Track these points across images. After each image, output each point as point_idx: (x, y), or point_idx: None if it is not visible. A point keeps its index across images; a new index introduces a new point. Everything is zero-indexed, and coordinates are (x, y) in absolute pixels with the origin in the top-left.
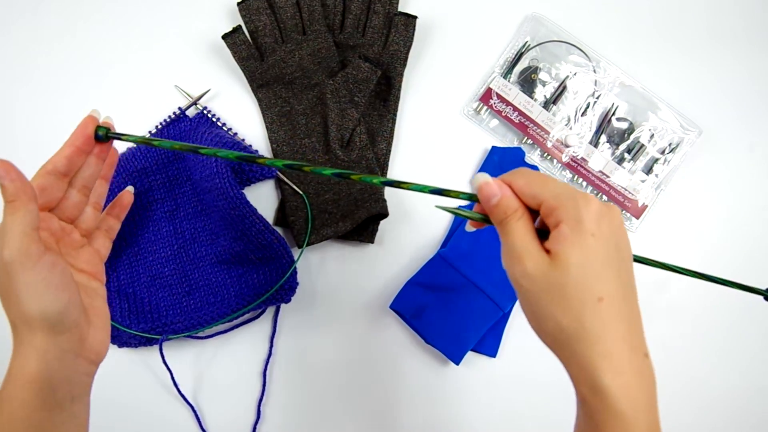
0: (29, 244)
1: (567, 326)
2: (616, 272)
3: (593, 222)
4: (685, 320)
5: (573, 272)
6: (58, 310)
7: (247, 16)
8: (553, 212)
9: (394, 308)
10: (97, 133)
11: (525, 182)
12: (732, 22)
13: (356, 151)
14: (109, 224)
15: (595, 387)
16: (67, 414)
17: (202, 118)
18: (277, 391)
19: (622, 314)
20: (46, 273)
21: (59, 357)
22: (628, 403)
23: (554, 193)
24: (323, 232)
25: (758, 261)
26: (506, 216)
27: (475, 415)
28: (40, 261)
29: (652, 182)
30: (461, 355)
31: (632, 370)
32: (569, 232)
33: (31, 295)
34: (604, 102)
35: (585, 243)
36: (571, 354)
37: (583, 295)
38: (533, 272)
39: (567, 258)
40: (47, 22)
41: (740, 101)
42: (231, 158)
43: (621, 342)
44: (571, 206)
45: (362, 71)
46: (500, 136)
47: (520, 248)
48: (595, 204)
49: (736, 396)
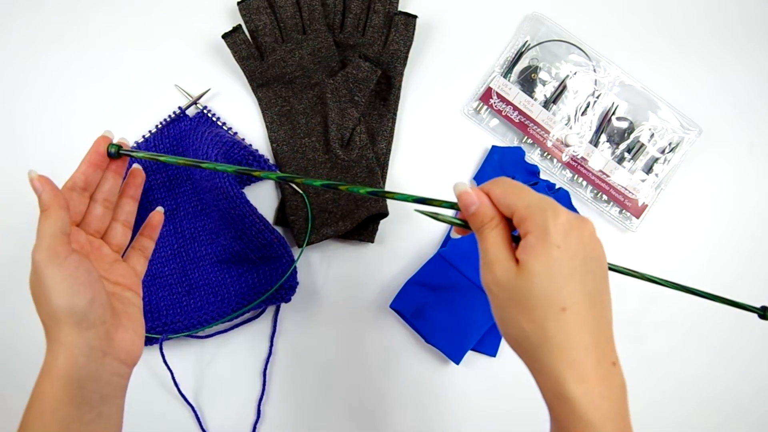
0: (57, 245)
1: (531, 334)
2: (580, 283)
3: (560, 234)
4: (677, 333)
5: (537, 282)
6: (84, 304)
7: (247, 15)
8: (523, 222)
9: (394, 307)
10: (109, 151)
11: (501, 192)
12: (732, 21)
13: (356, 151)
14: (142, 243)
15: (560, 395)
16: (96, 414)
17: (202, 118)
18: (277, 390)
19: (587, 324)
20: (72, 270)
21: (86, 353)
22: (593, 411)
23: (526, 204)
24: (323, 232)
25: (759, 261)
26: (483, 224)
27: (475, 414)
28: (67, 259)
29: (652, 182)
30: (461, 354)
31: (598, 378)
32: (535, 243)
33: (57, 290)
34: (604, 101)
35: (550, 254)
36: (536, 361)
37: (546, 305)
38: (501, 280)
39: (531, 268)
40: (48, 21)
41: (740, 100)
42: (230, 171)
43: (585, 351)
44: (540, 218)
45: (362, 70)
46: (500, 135)
47: (492, 256)
48: (564, 216)
49: (729, 407)
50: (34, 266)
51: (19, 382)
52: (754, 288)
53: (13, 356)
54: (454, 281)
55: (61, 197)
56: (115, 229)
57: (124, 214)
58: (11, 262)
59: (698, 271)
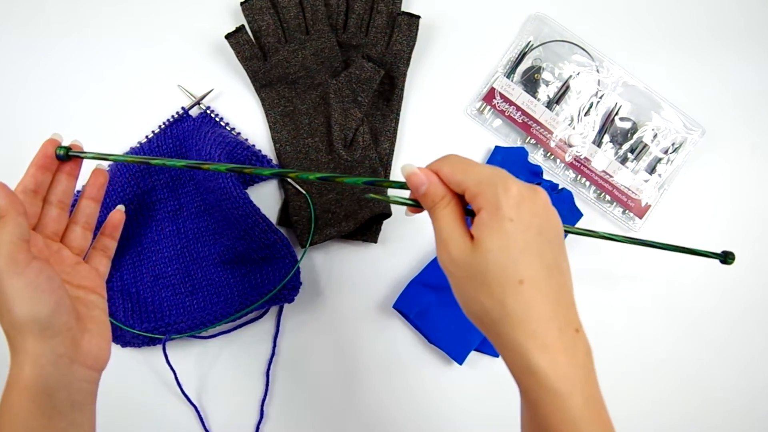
0: (16, 253)
1: (491, 309)
2: (537, 254)
3: (512, 207)
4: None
5: (491, 257)
6: (47, 312)
7: (250, 15)
8: (475, 199)
9: (398, 308)
10: (57, 154)
11: (450, 170)
12: (736, 22)
13: (359, 151)
14: (104, 243)
15: (525, 367)
16: (68, 422)
17: (205, 118)
18: (280, 390)
19: (546, 294)
20: (33, 277)
21: (53, 362)
22: (559, 379)
23: (476, 180)
24: (326, 232)
25: (761, 261)
26: (434, 203)
27: (478, 414)
28: (28, 267)
29: (655, 182)
30: (464, 354)
31: (562, 347)
32: (487, 218)
33: (19, 299)
34: (607, 102)
35: (503, 228)
36: (499, 336)
37: (503, 279)
38: (457, 258)
39: (485, 244)
40: (50, 21)
41: (743, 101)
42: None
43: (546, 321)
44: (491, 192)
45: (365, 71)
46: (503, 135)
47: (446, 235)
48: (515, 189)
49: (737, 398)
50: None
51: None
52: (755, 288)
53: None
54: None
55: (18, 203)
56: (75, 231)
57: (84, 216)
58: None
59: (701, 271)
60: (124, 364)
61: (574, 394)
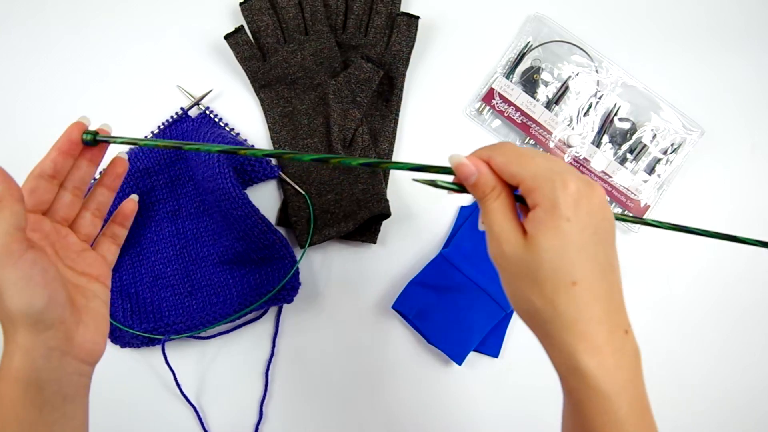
0: (11, 243)
1: (541, 309)
2: (592, 255)
3: (570, 206)
4: (687, 320)
5: (546, 257)
6: (39, 306)
7: (249, 16)
8: (531, 194)
9: (397, 308)
10: (84, 139)
11: (504, 160)
12: (735, 22)
13: (358, 152)
14: (113, 231)
15: (573, 368)
16: (60, 414)
17: (204, 119)
18: (279, 391)
19: (598, 295)
20: (27, 269)
21: (45, 355)
22: (607, 381)
23: (532, 174)
24: (325, 233)
25: (761, 261)
26: (484, 195)
27: (478, 415)
28: (21, 258)
29: (655, 182)
30: (464, 355)
31: (611, 349)
32: (544, 216)
33: (12, 291)
34: (607, 102)
35: (559, 227)
36: (547, 335)
37: (556, 280)
38: (509, 254)
39: (540, 242)
40: (50, 21)
41: (743, 101)
42: (213, 152)
43: (597, 322)
44: (548, 189)
45: (364, 71)
46: (502, 136)
47: (498, 229)
48: (573, 186)
49: (737, 398)
50: None
51: None
52: (755, 288)
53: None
54: (456, 282)
55: (16, 189)
56: (85, 217)
57: (96, 204)
58: None
59: (700, 272)
60: (123, 364)
61: (620, 396)
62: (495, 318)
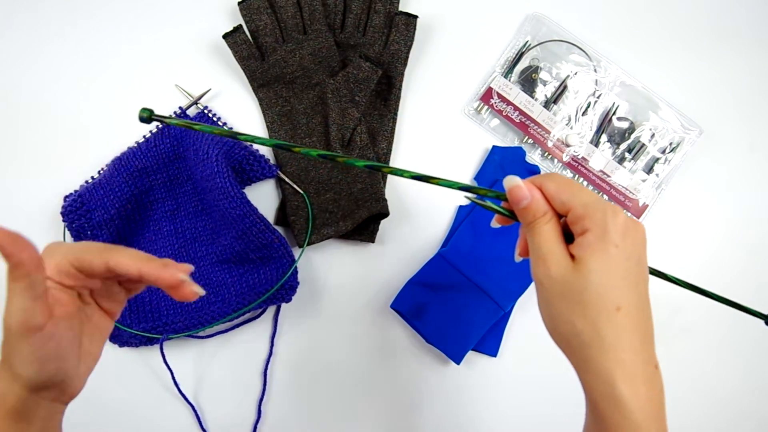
0: (29, 319)
1: (582, 331)
2: (635, 284)
3: (618, 234)
4: (700, 342)
5: (594, 279)
6: (43, 379)
7: (247, 15)
8: (581, 220)
9: (395, 308)
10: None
11: (556, 188)
12: (733, 21)
13: (357, 151)
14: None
15: (608, 394)
16: None
17: (202, 118)
18: (277, 390)
19: (637, 326)
20: (39, 346)
21: (37, 402)
22: (640, 411)
23: (583, 202)
24: (324, 232)
25: (759, 260)
26: (534, 219)
27: (476, 414)
28: (38, 334)
29: (653, 182)
30: (462, 354)
31: (644, 380)
32: (594, 241)
33: (19, 360)
34: (605, 101)
35: (608, 252)
36: (585, 359)
37: (601, 303)
38: (556, 275)
39: (589, 265)
40: (47, 20)
41: (741, 101)
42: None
43: (634, 352)
44: (599, 217)
45: (363, 71)
46: (501, 135)
47: (546, 250)
48: (622, 217)
49: (736, 398)
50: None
51: None
52: (754, 287)
53: None
54: (454, 281)
55: (35, 257)
56: None
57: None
58: None
59: (699, 271)
60: (121, 363)
61: (650, 428)
62: (493, 317)
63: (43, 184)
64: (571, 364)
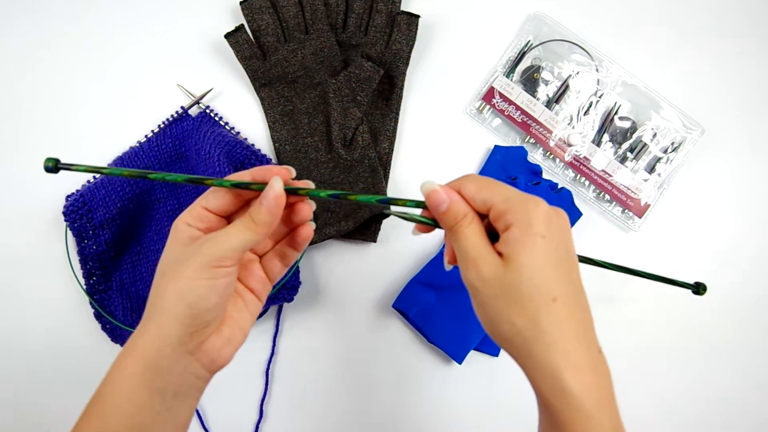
0: (227, 259)
1: (522, 328)
2: (567, 273)
3: (542, 224)
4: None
5: (526, 273)
6: (201, 310)
7: (249, 15)
8: (503, 216)
9: (397, 307)
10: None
11: (475, 188)
12: (736, 21)
13: (359, 150)
14: (284, 251)
15: (556, 387)
16: (167, 406)
17: (204, 117)
18: (279, 390)
19: (575, 313)
20: (219, 280)
21: (174, 346)
22: (590, 400)
23: (504, 197)
24: (326, 232)
25: (761, 260)
26: (456, 222)
27: (477, 413)
28: (224, 273)
29: (655, 181)
30: (464, 354)
31: (590, 367)
32: (519, 234)
33: (192, 288)
34: (607, 101)
35: (536, 244)
36: (528, 355)
37: (537, 296)
38: (488, 276)
39: (519, 260)
40: (49, 19)
41: (743, 100)
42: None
43: (577, 341)
44: (521, 209)
45: (365, 70)
46: (503, 135)
47: (474, 253)
48: (544, 207)
49: (736, 397)
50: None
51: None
52: (755, 287)
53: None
54: (456, 281)
55: (272, 223)
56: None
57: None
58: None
59: (700, 270)
60: None
61: (603, 416)
62: None
63: (45, 183)
64: (516, 363)
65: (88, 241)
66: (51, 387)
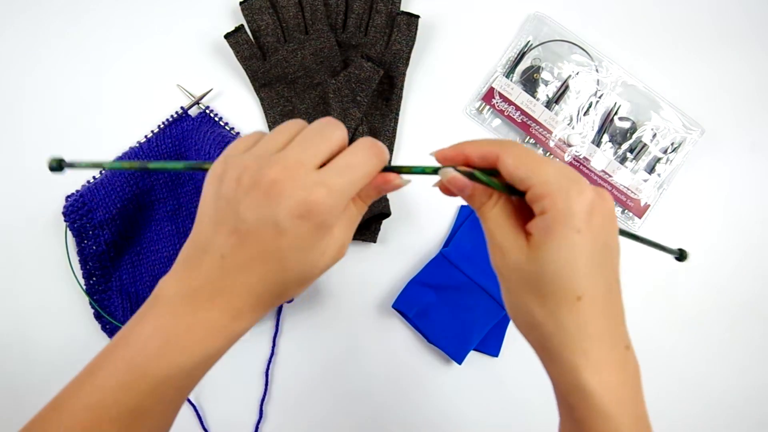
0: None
1: (542, 322)
2: (599, 269)
3: (583, 217)
4: (686, 319)
5: (551, 268)
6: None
7: (249, 15)
8: (540, 200)
9: (397, 308)
10: (50, 165)
11: (513, 163)
12: (735, 21)
13: None
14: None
15: (573, 385)
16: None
17: (204, 118)
18: (279, 390)
19: (602, 311)
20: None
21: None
22: (609, 398)
23: (543, 179)
24: None
25: (761, 260)
26: (482, 204)
27: (477, 414)
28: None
29: (655, 182)
30: (464, 354)
31: (613, 365)
32: (553, 225)
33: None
34: (607, 101)
35: (569, 239)
36: (547, 350)
37: (560, 293)
38: (513, 264)
39: (547, 254)
40: (49, 19)
41: (742, 100)
42: (179, 169)
43: (599, 339)
44: (561, 198)
45: (365, 70)
46: (503, 135)
47: (500, 238)
48: (588, 196)
49: (736, 396)
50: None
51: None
52: (755, 286)
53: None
54: (456, 281)
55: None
56: None
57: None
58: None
59: (700, 270)
60: None
61: (623, 415)
62: (495, 317)
63: (45, 183)
64: (536, 354)
65: (88, 242)
66: (51, 387)
